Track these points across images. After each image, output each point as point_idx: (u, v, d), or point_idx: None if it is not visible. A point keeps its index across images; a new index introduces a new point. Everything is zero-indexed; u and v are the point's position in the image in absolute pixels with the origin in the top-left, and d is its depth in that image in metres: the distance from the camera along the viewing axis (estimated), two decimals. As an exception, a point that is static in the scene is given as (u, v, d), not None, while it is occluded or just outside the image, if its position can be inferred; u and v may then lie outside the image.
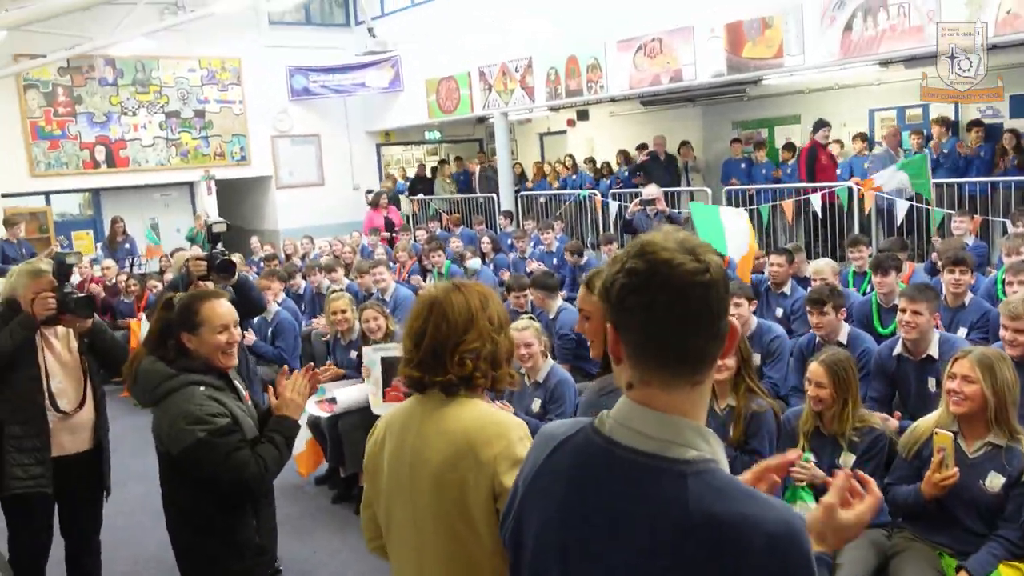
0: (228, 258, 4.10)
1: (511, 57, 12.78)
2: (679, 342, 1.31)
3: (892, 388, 4.70)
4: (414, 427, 2.09)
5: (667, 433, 1.32)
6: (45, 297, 3.70)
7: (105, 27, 12.45)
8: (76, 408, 3.88)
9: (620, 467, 1.34)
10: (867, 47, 8.75)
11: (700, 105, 13.85)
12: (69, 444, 3.88)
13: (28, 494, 3.74)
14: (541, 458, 1.48)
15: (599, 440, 1.38)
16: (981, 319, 5.29)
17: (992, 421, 3.26)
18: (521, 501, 1.51)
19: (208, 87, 14.76)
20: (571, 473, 1.41)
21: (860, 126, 11.87)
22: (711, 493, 1.26)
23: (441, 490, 2.00)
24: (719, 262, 1.32)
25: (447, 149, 18.72)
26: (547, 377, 4.81)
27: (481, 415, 2.04)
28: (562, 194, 13.28)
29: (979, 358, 3.29)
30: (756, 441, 3.84)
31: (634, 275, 1.30)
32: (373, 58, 14.86)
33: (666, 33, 10.55)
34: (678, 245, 1.31)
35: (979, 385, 3.24)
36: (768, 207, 10.28)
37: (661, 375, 1.33)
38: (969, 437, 3.33)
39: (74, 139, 13.59)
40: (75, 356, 3.93)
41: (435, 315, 2.07)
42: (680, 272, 1.28)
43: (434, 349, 2.05)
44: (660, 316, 1.29)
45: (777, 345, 5.37)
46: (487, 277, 9.16)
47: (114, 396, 8.92)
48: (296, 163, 15.75)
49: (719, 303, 1.31)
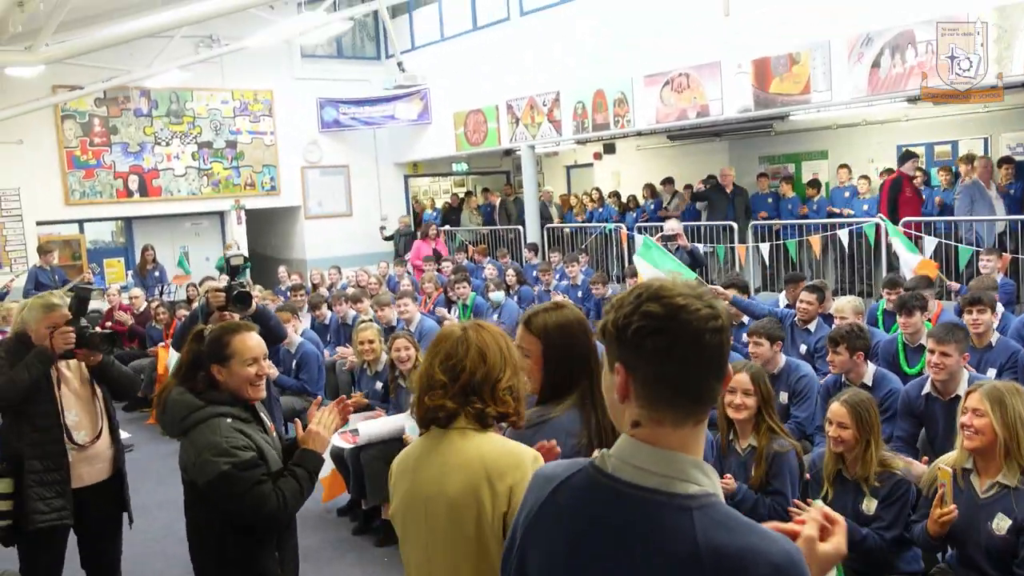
0: (245, 290, 4.15)
1: (539, 91, 12.89)
2: (694, 384, 1.36)
3: (919, 428, 4.64)
4: (428, 462, 2.14)
5: (670, 469, 1.36)
6: (65, 332, 3.72)
7: (141, 60, 12.75)
8: (93, 439, 3.90)
9: (626, 503, 1.36)
10: (895, 84, 8.73)
11: (727, 140, 13.87)
12: (87, 475, 3.90)
13: (53, 527, 3.75)
14: (541, 498, 1.50)
15: (602, 478, 1.41)
16: (1010, 360, 5.20)
17: (1002, 457, 3.19)
18: (522, 541, 1.52)
19: (240, 118, 15.01)
20: (576, 511, 1.43)
21: (888, 162, 11.82)
22: (715, 526, 1.30)
23: (458, 520, 2.04)
24: (726, 307, 1.40)
25: (474, 181, 18.86)
26: None
27: (496, 446, 2.10)
28: (588, 227, 13.31)
29: (988, 390, 3.24)
30: (778, 482, 3.80)
31: (652, 318, 1.34)
32: (403, 91, 15.05)
33: (693, 68, 10.60)
34: (690, 291, 1.37)
35: (988, 419, 3.18)
36: (795, 242, 10.25)
37: (674, 414, 1.37)
38: (983, 475, 3.27)
39: (108, 168, 13.86)
40: (88, 387, 3.95)
41: (472, 351, 2.14)
42: (697, 317, 1.34)
43: (472, 383, 2.11)
44: (677, 359, 1.34)
45: (805, 384, 5.32)
46: (511, 309, 9.17)
47: (140, 423, 9.06)
48: (325, 193, 15.93)
49: (727, 347, 1.38)
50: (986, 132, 11.08)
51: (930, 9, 8.30)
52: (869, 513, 3.58)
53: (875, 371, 5.04)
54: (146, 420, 9.18)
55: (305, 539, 4.11)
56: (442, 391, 2.11)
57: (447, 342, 2.17)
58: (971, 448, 3.25)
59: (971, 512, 3.23)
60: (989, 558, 3.20)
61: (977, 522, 3.21)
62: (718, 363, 1.37)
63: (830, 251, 10.40)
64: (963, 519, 3.24)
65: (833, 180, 11.85)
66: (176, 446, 3.23)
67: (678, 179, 13.70)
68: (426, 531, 2.11)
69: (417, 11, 15.46)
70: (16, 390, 3.70)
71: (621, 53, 11.44)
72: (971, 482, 3.28)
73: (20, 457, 3.74)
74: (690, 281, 1.42)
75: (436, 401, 2.11)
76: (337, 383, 8.16)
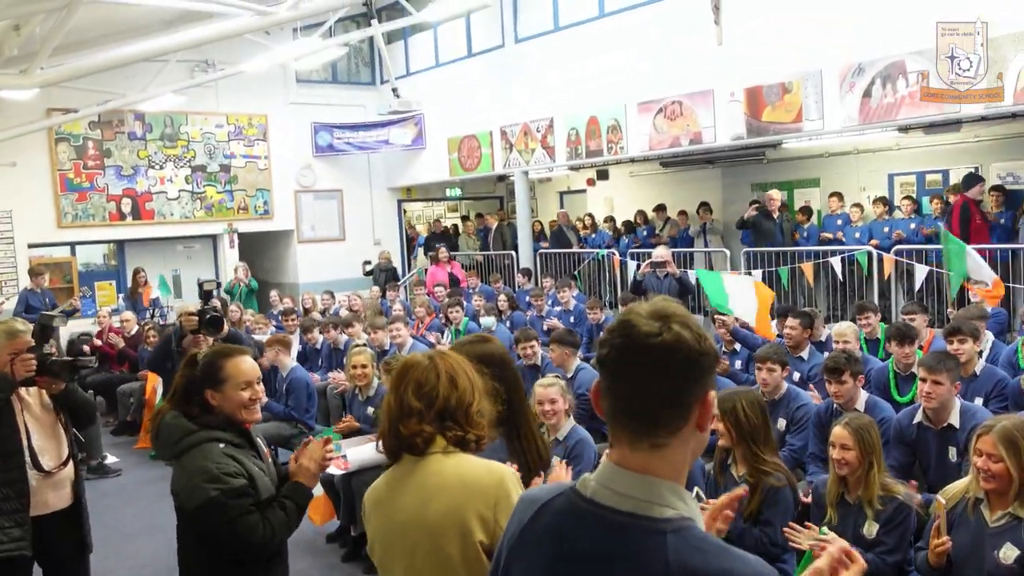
0: (217, 314, 4.22)
1: (533, 117, 12.96)
2: (633, 402, 1.38)
3: (911, 457, 4.63)
4: (404, 490, 2.14)
5: (645, 493, 1.37)
6: (26, 359, 3.68)
7: (136, 83, 12.79)
8: (59, 465, 3.84)
9: (601, 527, 1.38)
10: (886, 113, 8.81)
11: (719, 167, 13.94)
12: (54, 501, 3.83)
13: (9, 557, 3.65)
14: (525, 520, 1.52)
15: (580, 502, 1.43)
16: (996, 388, 5.21)
17: (1014, 495, 3.20)
18: (506, 563, 1.54)
19: (234, 142, 15.04)
20: (554, 534, 1.45)
21: (879, 190, 11.89)
22: (689, 549, 1.31)
23: (441, 544, 2.04)
24: (686, 334, 1.36)
25: (468, 206, 18.91)
26: (568, 435, 4.81)
27: (475, 467, 2.12)
28: (581, 253, 13.34)
29: (1001, 435, 3.22)
30: (770, 513, 3.77)
31: (609, 333, 1.41)
32: (397, 116, 15.12)
33: (686, 96, 10.68)
34: (650, 312, 1.38)
35: (1005, 463, 3.18)
36: (787, 269, 10.28)
37: (625, 435, 1.40)
38: (995, 506, 3.27)
39: (102, 191, 13.84)
40: (51, 413, 3.89)
41: (443, 377, 2.16)
42: (636, 333, 1.36)
43: (448, 409, 2.13)
44: (620, 376, 1.39)
45: (803, 414, 5.31)
46: (502, 335, 9.15)
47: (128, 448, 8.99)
48: (318, 218, 15.94)
49: (678, 370, 1.36)
50: (977, 161, 11.16)
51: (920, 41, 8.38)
52: (870, 537, 3.58)
53: (867, 398, 5.04)
54: (134, 445, 9.12)
55: (295, 565, 4.05)
56: (418, 418, 2.12)
57: (415, 370, 2.18)
58: (988, 489, 3.25)
59: (978, 541, 3.23)
60: None
61: (983, 551, 3.21)
62: (661, 384, 1.36)
63: (822, 278, 10.43)
64: (969, 547, 3.25)
65: (825, 208, 11.90)
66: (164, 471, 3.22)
67: (671, 205, 13.76)
68: (407, 559, 2.10)
69: (412, 37, 15.56)
70: None
71: (615, 80, 11.53)
72: (981, 512, 3.29)
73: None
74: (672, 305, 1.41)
75: (413, 428, 2.11)
76: (328, 407, 8.13)
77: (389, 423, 2.16)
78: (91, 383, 9.85)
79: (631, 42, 11.33)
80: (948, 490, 3.46)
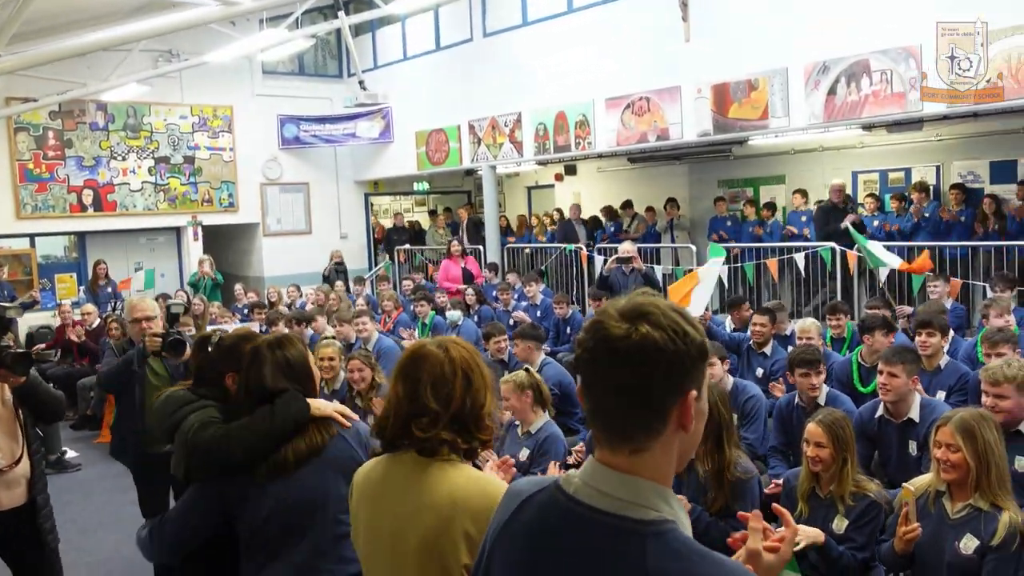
0: (180, 338, 4.26)
1: (501, 111, 12.94)
2: (608, 406, 1.36)
3: (871, 450, 4.70)
4: (391, 496, 2.05)
5: (628, 494, 1.34)
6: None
7: (99, 73, 12.59)
8: (12, 464, 3.72)
9: (580, 526, 1.35)
10: (850, 111, 8.91)
11: (686, 163, 14.02)
12: (6, 500, 3.71)
13: None
14: (507, 514, 1.50)
15: (562, 499, 1.40)
16: (959, 382, 5.30)
17: (974, 485, 3.26)
18: (488, 556, 1.52)
19: (199, 134, 14.85)
20: (534, 530, 1.43)
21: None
22: (668, 553, 1.28)
23: (427, 559, 1.96)
24: (656, 335, 1.31)
25: (435, 200, 18.85)
26: (540, 430, 4.81)
27: (469, 483, 2.00)
28: (548, 247, 13.35)
29: (959, 425, 3.29)
30: (737, 506, 3.79)
31: (584, 344, 1.37)
32: (364, 109, 15.02)
33: (654, 92, 10.72)
34: (622, 312, 1.35)
35: (962, 453, 3.24)
36: (753, 265, 10.36)
37: (604, 438, 1.38)
38: (955, 498, 3.33)
39: (62, 182, 13.60)
40: (9, 409, 3.78)
41: (459, 375, 2.05)
42: (605, 336, 1.33)
43: (463, 412, 2.03)
44: (593, 380, 1.36)
45: (753, 405, 5.35)
46: (468, 329, 9.14)
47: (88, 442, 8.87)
48: (284, 211, 15.80)
49: (649, 373, 1.31)
50: (938, 160, 11.33)
51: (884, 40, 8.50)
52: (839, 532, 3.62)
53: (827, 392, 5.09)
54: (94, 439, 8.99)
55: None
56: (432, 419, 2.00)
57: (429, 363, 2.05)
58: (948, 480, 3.31)
59: (939, 532, 3.29)
60: None
61: (944, 542, 3.26)
62: (644, 392, 1.32)
63: (786, 274, 10.53)
64: (930, 538, 3.30)
65: (790, 205, 12.03)
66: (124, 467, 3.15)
67: (638, 202, 13.81)
68: (392, 566, 2.03)
69: (380, 30, 15.45)
70: None
71: (583, 75, 11.54)
72: (942, 504, 3.34)
73: None
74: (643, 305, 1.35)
75: (429, 432, 2.00)
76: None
77: (397, 416, 2.04)
78: (51, 376, 9.68)
79: (599, 38, 11.36)
80: (916, 481, 3.51)
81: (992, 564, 3.16)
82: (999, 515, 3.19)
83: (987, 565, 3.17)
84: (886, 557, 3.46)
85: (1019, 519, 3.17)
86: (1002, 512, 3.18)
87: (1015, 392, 3.99)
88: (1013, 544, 3.13)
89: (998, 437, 3.29)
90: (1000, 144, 10.49)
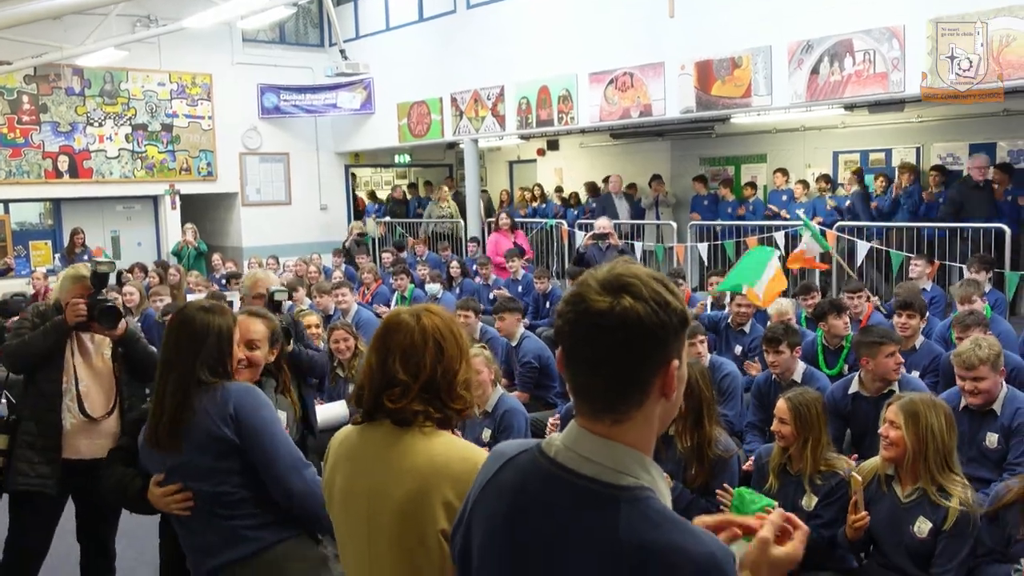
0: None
1: (483, 84, 12.84)
2: (588, 378, 1.36)
3: (844, 428, 4.74)
4: (369, 460, 2.04)
5: (606, 459, 1.34)
6: (76, 304, 3.72)
7: (75, 37, 12.36)
8: (104, 415, 3.86)
9: (559, 488, 1.36)
10: (832, 91, 8.91)
11: (669, 140, 14.00)
12: (85, 449, 3.83)
13: (32, 492, 3.77)
14: (489, 475, 1.51)
15: (543, 461, 1.41)
16: (932, 363, 5.37)
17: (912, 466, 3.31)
18: (469, 516, 1.53)
19: (177, 101, 14.64)
20: (514, 492, 1.43)
21: (824, 168, 12.06)
22: (643, 521, 1.28)
23: (404, 524, 1.96)
24: (639, 307, 1.30)
25: (416, 173, 18.74)
26: (496, 406, 4.72)
27: (448, 449, 2.00)
28: (529, 222, 13.32)
29: (904, 405, 3.35)
30: (717, 483, 3.81)
31: (565, 316, 1.36)
32: (345, 80, 14.86)
33: (638, 68, 10.67)
34: (602, 283, 1.33)
35: (902, 432, 3.30)
36: (733, 243, 10.39)
37: (586, 408, 1.38)
38: (903, 482, 3.38)
39: (37, 148, 13.38)
40: (107, 364, 3.91)
41: (431, 344, 2.04)
42: (586, 309, 1.32)
43: (433, 382, 2.02)
44: (574, 352, 1.35)
45: (729, 382, 5.40)
46: (448, 302, 9.12)
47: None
48: (263, 181, 15.64)
49: (631, 346, 1.31)
50: (919, 141, 11.38)
51: (868, 20, 8.49)
52: (808, 509, 3.65)
53: (804, 369, 5.14)
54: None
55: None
56: (403, 390, 2.01)
57: (400, 333, 2.05)
58: (887, 458, 3.38)
59: (895, 516, 3.34)
60: (910, 559, 3.31)
61: (900, 525, 3.32)
62: (625, 364, 1.31)
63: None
64: (887, 522, 3.35)
65: (771, 184, 12.05)
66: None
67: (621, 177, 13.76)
68: (368, 531, 2.02)
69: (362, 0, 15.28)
70: (27, 354, 3.78)
71: (566, 50, 11.47)
72: (893, 488, 3.39)
73: (20, 417, 3.83)
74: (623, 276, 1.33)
75: (399, 403, 2.00)
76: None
77: (371, 388, 2.05)
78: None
79: (584, 12, 11.28)
80: (863, 467, 3.56)
81: (944, 544, 3.22)
82: (949, 500, 3.23)
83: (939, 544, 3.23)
84: (842, 541, 3.50)
85: (969, 500, 3.23)
86: (951, 497, 3.23)
87: (990, 371, 4.06)
88: (967, 526, 3.19)
89: (944, 424, 3.32)
90: (980, 126, 10.55)
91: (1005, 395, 4.15)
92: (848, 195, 10.63)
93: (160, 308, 8.02)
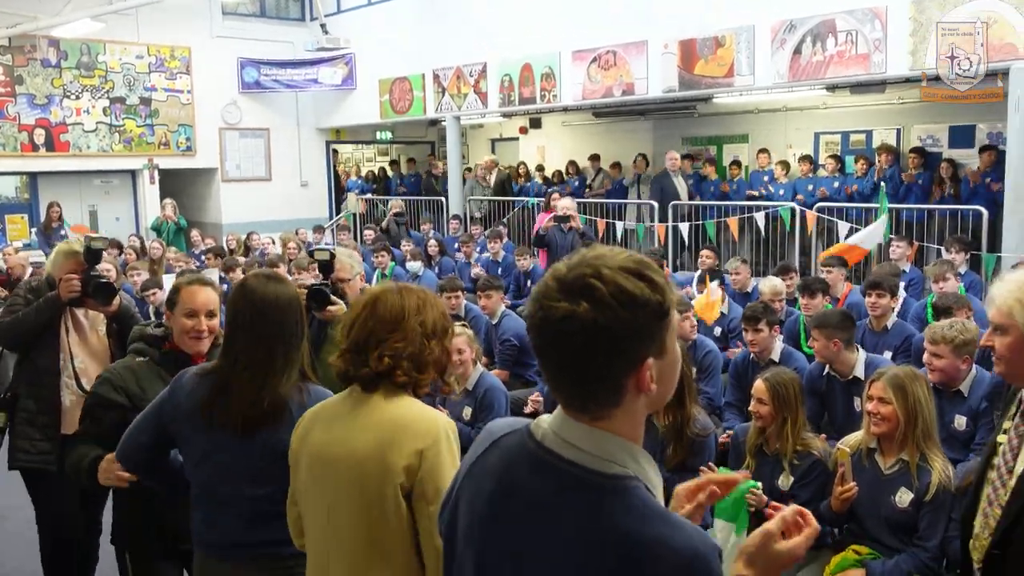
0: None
1: (466, 61, 12.75)
2: (559, 380, 1.34)
3: (822, 406, 4.78)
4: (336, 420, 2.13)
5: (592, 446, 1.32)
6: (70, 279, 3.70)
7: (50, 7, 12.16)
8: None
9: (543, 472, 1.35)
10: (815, 71, 8.92)
11: (651, 119, 13.98)
12: None
13: (33, 468, 3.78)
14: (478, 453, 1.50)
15: (530, 444, 1.40)
16: (904, 343, 5.41)
17: (900, 439, 3.35)
18: (457, 493, 1.53)
19: (156, 74, 14.45)
20: (502, 472, 1.43)
21: (806, 148, 12.09)
22: (626, 511, 1.27)
23: (363, 479, 2.02)
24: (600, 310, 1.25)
25: (398, 150, 18.63)
26: (476, 385, 4.73)
27: (411, 410, 2.09)
28: (511, 200, 13.27)
29: (891, 380, 3.38)
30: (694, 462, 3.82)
31: (531, 316, 1.34)
32: (327, 54, 14.71)
33: (621, 46, 10.63)
34: (563, 282, 1.30)
35: (893, 406, 3.33)
36: (714, 223, 10.41)
37: (561, 402, 1.37)
38: (886, 454, 3.42)
39: (12, 120, 13.18)
40: (103, 340, 3.91)
41: (367, 310, 2.13)
42: (548, 315, 1.30)
43: (358, 342, 2.10)
44: (543, 354, 1.34)
45: (710, 360, 5.43)
46: (429, 280, 9.10)
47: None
48: (243, 156, 15.49)
49: (595, 351, 1.27)
50: (899, 123, 11.41)
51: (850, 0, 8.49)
52: (785, 489, 3.68)
53: (783, 348, 5.17)
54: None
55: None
56: (365, 357, 2.09)
57: (380, 305, 2.15)
58: (878, 433, 3.40)
59: (875, 487, 3.38)
60: (888, 529, 3.36)
61: (880, 496, 3.36)
62: (593, 368, 1.28)
63: (747, 233, 10.60)
64: (867, 494, 3.38)
65: (753, 164, 12.07)
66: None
67: (602, 156, 13.76)
68: (330, 490, 2.08)
69: (344, -27, 15.13)
70: (20, 331, 3.78)
71: (550, 27, 11.40)
72: (875, 460, 3.43)
73: (17, 395, 3.85)
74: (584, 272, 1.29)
75: (361, 371, 2.09)
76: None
77: (344, 359, 2.12)
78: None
79: (567, -12, 11.20)
80: (848, 439, 3.59)
81: (927, 518, 3.28)
82: (930, 469, 3.29)
83: (922, 519, 3.29)
84: (824, 514, 3.53)
85: (948, 472, 3.29)
86: (932, 468, 3.29)
87: (951, 353, 4.09)
88: (945, 496, 3.24)
89: (927, 394, 3.40)
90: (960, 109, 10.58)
91: (974, 377, 4.19)
92: (832, 176, 10.65)
93: (138, 283, 7.95)
